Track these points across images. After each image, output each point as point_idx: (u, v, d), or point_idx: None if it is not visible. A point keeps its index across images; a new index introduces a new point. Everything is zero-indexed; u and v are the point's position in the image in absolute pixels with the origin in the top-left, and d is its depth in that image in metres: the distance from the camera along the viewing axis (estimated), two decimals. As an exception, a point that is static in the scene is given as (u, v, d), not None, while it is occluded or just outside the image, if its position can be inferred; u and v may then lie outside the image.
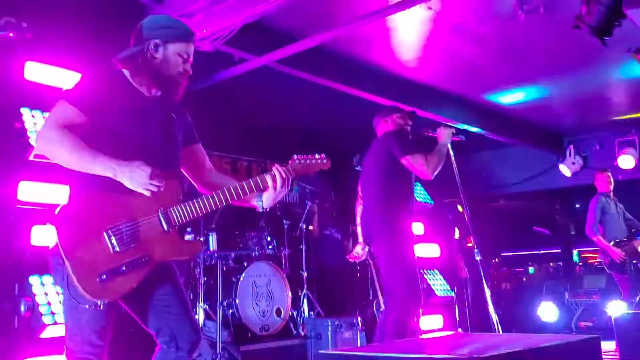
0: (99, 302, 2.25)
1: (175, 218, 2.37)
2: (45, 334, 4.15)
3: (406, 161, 4.07)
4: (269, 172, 2.53)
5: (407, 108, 4.69)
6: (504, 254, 14.74)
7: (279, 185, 2.53)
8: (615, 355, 4.41)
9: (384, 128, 4.41)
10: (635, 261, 6.32)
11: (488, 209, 3.60)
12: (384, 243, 4.08)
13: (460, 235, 7.97)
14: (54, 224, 2.22)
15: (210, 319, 5.33)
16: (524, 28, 4.97)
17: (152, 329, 2.48)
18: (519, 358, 2.11)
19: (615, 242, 6.40)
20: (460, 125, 6.76)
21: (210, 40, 4.22)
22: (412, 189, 4.28)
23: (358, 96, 6.02)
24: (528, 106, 7.18)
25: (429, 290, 7.00)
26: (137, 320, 2.51)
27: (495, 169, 9.15)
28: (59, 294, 4.20)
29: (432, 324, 7.00)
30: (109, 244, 2.24)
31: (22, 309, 4.14)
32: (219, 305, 4.70)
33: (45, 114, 4.46)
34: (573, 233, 12.00)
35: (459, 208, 7.81)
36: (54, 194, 4.41)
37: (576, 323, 7.19)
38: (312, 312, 6.24)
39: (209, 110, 6.92)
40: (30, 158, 4.15)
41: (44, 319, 4.09)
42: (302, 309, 6.17)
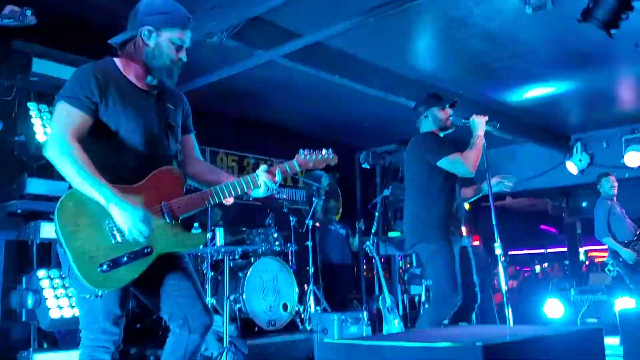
0: (100, 292, 2.26)
1: (177, 210, 2.39)
2: (52, 327, 4.19)
3: (442, 164, 4.02)
4: (262, 171, 2.55)
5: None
6: (510, 253, 14.74)
7: (270, 182, 2.55)
8: (619, 349, 4.40)
9: (424, 124, 4.30)
10: None
11: (494, 207, 3.59)
12: (423, 244, 4.10)
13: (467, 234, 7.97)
14: (56, 215, 2.23)
15: (217, 313, 5.36)
16: (531, 23, 4.98)
17: (165, 314, 2.49)
18: (521, 346, 2.12)
19: (624, 243, 6.39)
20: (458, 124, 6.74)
21: (217, 34, 4.23)
22: (452, 188, 4.12)
23: (365, 93, 6.03)
24: (535, 103, 7.17)
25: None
26: (150, 306, 2.53)
27: (502, 167, 9.12)
28: (66, 287, 4.24)
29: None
30: (109, 235, 2.25)
31: (30, 302, 4.17)
32: (226, 299, 4.72)
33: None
34: (579, 231, 11.95)
35: (466, 206, 7.77)
36: (63, 188, 4.46)
37: (582, 319, 7.17)
38: (319, 307, 6.26)
39: (215, 106, 6.98)
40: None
41: (50, 312, 4.12)
42: (309, 304, 6.20)
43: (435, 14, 4.88)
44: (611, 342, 5.18)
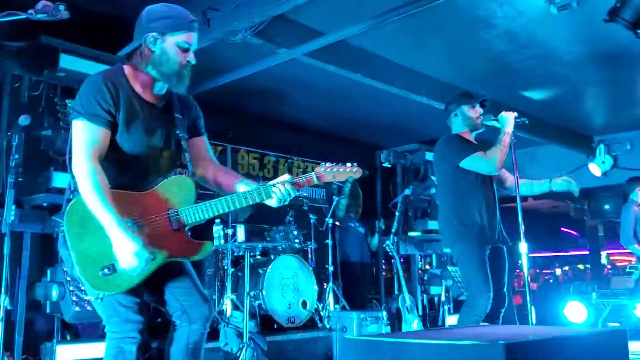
0: (101, 295, 2.29)
1: (184, 218, 2.40)
2: (75, 319, 4.25)
3: (465, 165, 4.02)
4: (277, 184, 2.47)
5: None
6: (531, 255, 14.61)
7: (283, 197, 2.47)
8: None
9: (454, 123, 4.30)
10: None
11: (515, 208, 3.56)
12: (452, 246, 4.14)
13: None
14: (65, 217, 2.27)
15: (237, 309, 5.41)
16: (555, 23, 4.94)
17: (169, 310, 2.52)
18: (544, 345, 2.12)
19: None
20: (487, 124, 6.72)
21: (241, 32, 4.26)
22: (484, 187, 4.10)
23: (387, 92, 6.02)
24: (558, 104, 7.10)
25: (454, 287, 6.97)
26: (153, 304, 2.57)
27: (523, 168, 9.05)
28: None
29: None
30: None
31: (54, 294, 4.23)
32: (246, 295, 4.75)
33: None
34: (602, 235, 11.78)
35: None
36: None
37: (604, 323, 7.09)
38: (338, 305, 6.28)
39: (237, 104, 7.03)
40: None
41: (74, 304, 4.18)
42: (328, 302, 6.22)
43: (458, 14, 4.85)
44: (633, 348, 5.11)
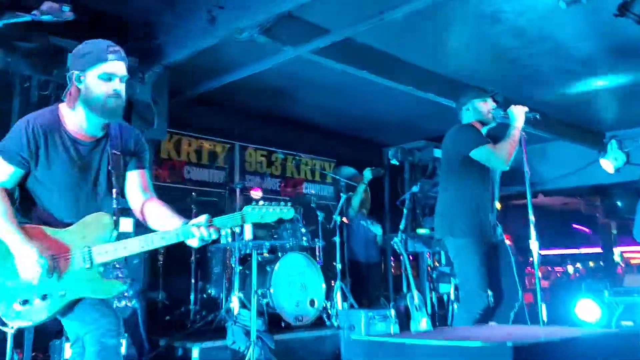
0: (11, 327, 2.35)
1: (98, 257, 2.42)
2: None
3: (475, 155, 3.94)
4: (195, 225, 2.46)
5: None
6: (542, 252, 14.47)
7: (203, 238, 2.47)
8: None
9: (465, 117, 4.24)
10: None
11: (525, 205, 3.52)
12: (451, 238, 4.05)
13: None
14: None
15: (244, 307, 5.39)
16: (564, 18, 4.87)
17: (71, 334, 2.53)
18: (553, 347, 2.08)
19: None
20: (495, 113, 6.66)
21: (247, 30, 4.24)
22: (486, 182, 4.05)
23: (394, 89, 5.98)
24: (568, 100, 7.03)
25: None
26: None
27: (534, 165, 8.98)
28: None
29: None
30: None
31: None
32: (254, 293, 4.74)
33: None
34: (615, 232, 11.65)
35: (497, 205, 7.64)
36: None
37: (617, 322, 7.00)
38: (346, 304, 6.25)
39: (244, 102, 7.01)
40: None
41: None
42: (336, 300, 6.20)
43: (466, 10, 4.81)
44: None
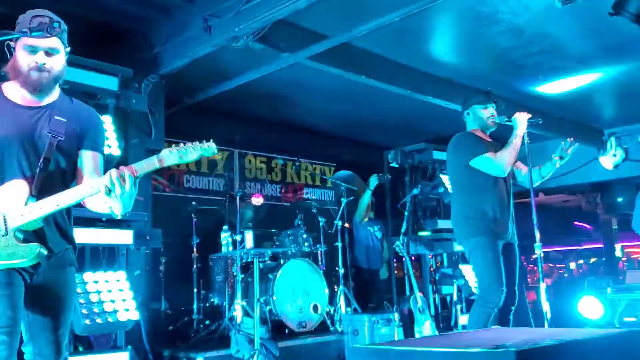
0: None
1: (10, 222, 2.34)
2: (85, 332, 4.23)
3: (475, 164, 4.07)
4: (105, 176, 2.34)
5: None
6: (543, 250, 14.46)
7: (112, 187, 2.33)
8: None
9: (467, 121, 4.36)
10: None
11: (527, 204, 3.53)
12: (465, 240, 4.17)
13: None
14: None
15: (248, 315, 5.39)
16: (561, 17, 4.88)
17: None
18: (556, 351, 2.07)
19: None
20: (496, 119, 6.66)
21: (242, 38, 4.25)
22: (495, 184, 4.12)
23: (392, 92, 5.98)
24: (566, 99, 7.03)
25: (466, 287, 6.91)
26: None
27: (534, 163, 8.97)
28: (99, 292, 4.29)
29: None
30: None
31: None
32: (256, 301, 4.73)
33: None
34: (616, 228, 11.65)
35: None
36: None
37: (620, 319, 7.00)
38: (349, 308, 6.24)
39: (243, 108, 7.01)
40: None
41: (83, 317, 4.15)
42: (339, 305, 6.19)
43: (462, 11, 4.82)
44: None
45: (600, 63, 6.00)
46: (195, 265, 6.10)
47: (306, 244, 6.37)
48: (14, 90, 2.49)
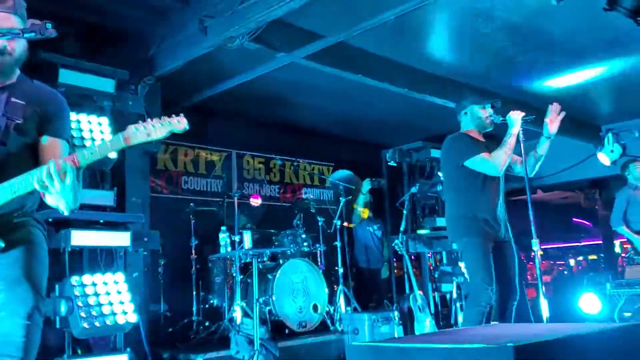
0: None
1: None
2: (83, 335, 4.23)
3: (469, 164, 4.10)
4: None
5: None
6: (543, 247, 14.48)
7: (49, 182, 2.16)
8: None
9: (463, 121, 4.38)
10: None
11: (525, 201, 3.54)
12: (457, 240, 4.22)
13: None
14: None
15: (247, 316, 5.38)
16: (556, 14, 4.88)
17: None
18: (554, 346, 2.07)
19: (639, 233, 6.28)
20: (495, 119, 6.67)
21: (237, 38, 4.24)
22: (487, 185, 4.14)
23: (389, 90, 5.97)
24: (563, 95, 7.01)
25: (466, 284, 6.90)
26: None
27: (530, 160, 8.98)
28: (98, 294, 4.28)
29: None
30: None
31: (63, 309, 4.21)
32: (255, 302, 4.73)
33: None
34: (615, 224, 11.65)
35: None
36: (92, 196, 4.55)
37: (620, 314, 7.00)
38: (349, 308, 6.24)
39: (240, 109, 7.01)
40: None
41: (82, 320, 4.15)
42: (339, 304, 6.19)
43: (457, 9, 4.82)
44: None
45: (597, 59, 6.00)
46: (194, 267, 6.10)
47: (305, 243, 6.37)
48: None
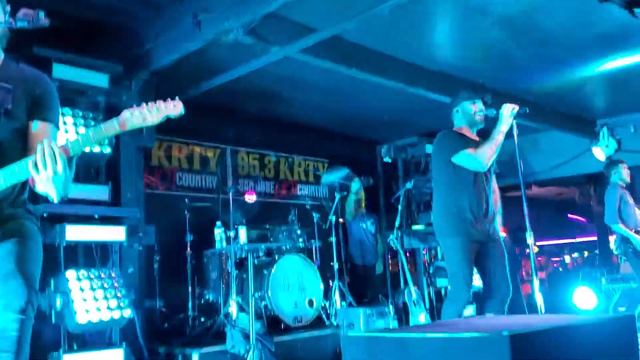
0: None
1: None
2: (79, 329, 4.22)
3: (456, 160, 4.09)
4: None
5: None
6: (538, 244, 14.52)
7: (40, 168, 2.13)
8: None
9: (455, 118, 4.37)
10: None
11: (520, 197, 3.54)
12: (441, 238, 4.21)
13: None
14: None
15: (243, 311, 5.38)
16: (551, 8, 4.88)
17: None
18: (549, 335, 2.07)
19: (636, 230, 6.30)
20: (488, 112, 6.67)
21: (232, 32, 4.23)
22: (475, 182, 4.10)
23: (384, 86, 5.97)
24: (558, 90, 7.03)
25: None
26: None
27: (526, 156, 8.97)
28: (94, 289, 4.28)
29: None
30: None
31: (58, 304, 4.20)
32: (251, 297, 4.72)
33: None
34: (610, 219, 11.67)
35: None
36: (87, 191, 4.53)
37: (615, 309, 7.03)
38: (344, 303, 6.25)
39: (234, 105, 6.99)
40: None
41: (77, 315, 4.14)
42: (334, 299, 6.19)
43: (453, 3, 4.81)
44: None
45: (593, 53, 5.99)
46: (189, 263, 6.09)
47: (300, 239, 6.37)
48: None
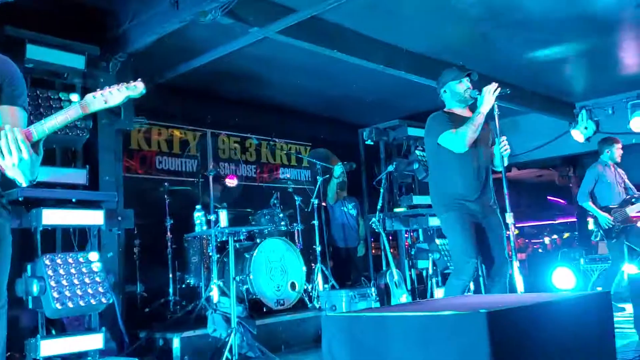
0: None
1: None
2: (56, 315, 4.18)
3: (441, 141, 4.14)
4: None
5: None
6: (518, 225, 14.66)
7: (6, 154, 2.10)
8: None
9: (445, 100, 4.40)
10: (623, 227, 6.29)
11: (500, 179, 3.56)
12: (439, 216, 4.28)
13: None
14: None
15: (224, 295, 5.36)
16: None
17: None
18: (526, 312, 2.09)
19: (606, 208, 6.36)
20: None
21: (210, 12, 4.17)
22: (467, 160, 4.13)
23: (365, 67, 5.93)
24: (538, 72, 7.06)
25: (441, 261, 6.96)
26: None
27: (507, 138, 9.03)
28: (72, 274, 4.23)
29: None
30: None
31: (35, 289, 4.15)
32: (232, 280, 4.71)
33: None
34: (588, 200, 11.80)
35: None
36: (64, 175, 4.46)
37: (593, 288, 7.13)
38: (327, 285, 6.26)
39: (214, 87, 6.92)
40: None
41: (55, 300, 4.09)
42: (317, 282, 6.21)
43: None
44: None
45: (573, 35, 6.02)
46: (169, 247, 6.05)
47: (282, 222, 6.36)
48: None
